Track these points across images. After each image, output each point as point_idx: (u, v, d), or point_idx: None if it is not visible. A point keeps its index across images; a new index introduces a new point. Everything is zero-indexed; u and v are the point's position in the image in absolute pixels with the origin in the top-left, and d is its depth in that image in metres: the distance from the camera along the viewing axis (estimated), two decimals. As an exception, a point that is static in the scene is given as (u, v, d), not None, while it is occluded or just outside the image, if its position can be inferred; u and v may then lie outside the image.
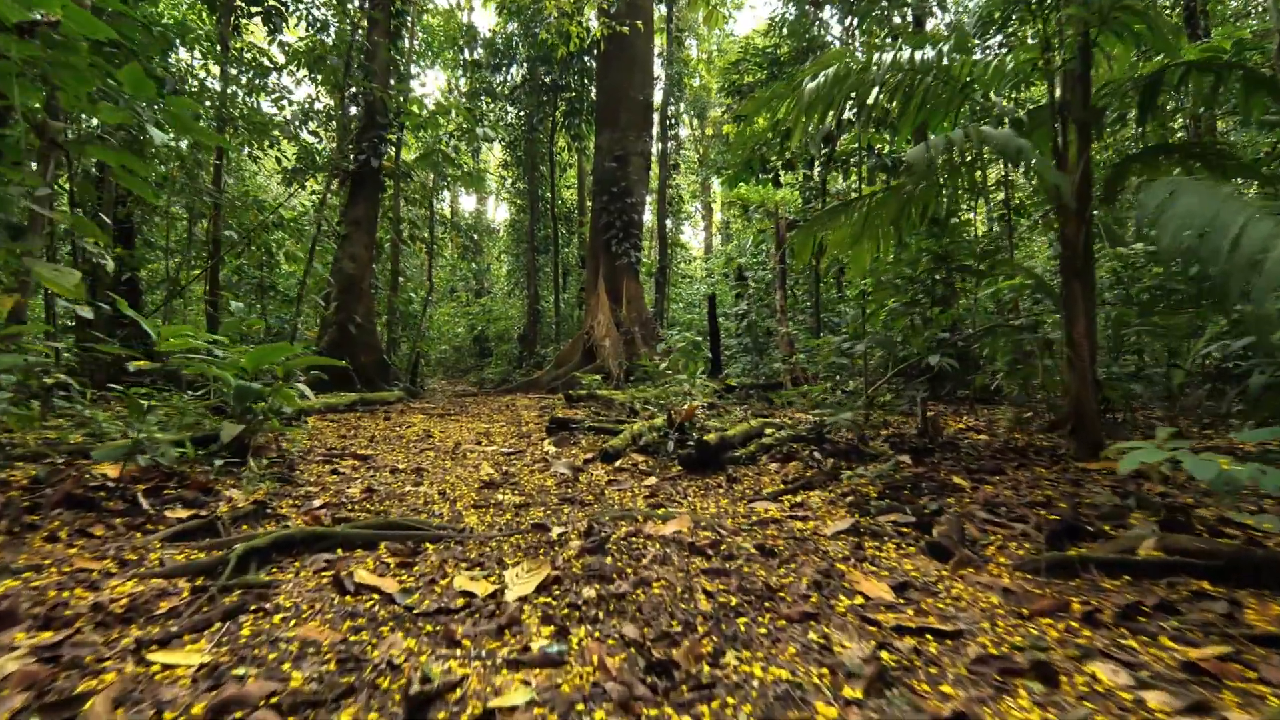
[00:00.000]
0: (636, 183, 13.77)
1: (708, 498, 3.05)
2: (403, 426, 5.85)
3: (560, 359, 12.73)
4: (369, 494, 3.00)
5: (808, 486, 3.10)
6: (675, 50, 15.41)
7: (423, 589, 1.68)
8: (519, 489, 3.23)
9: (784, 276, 7.96)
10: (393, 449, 4.52)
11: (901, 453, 3.65)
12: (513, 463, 4.03)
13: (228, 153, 10.43)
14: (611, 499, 3.01)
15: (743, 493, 3.15)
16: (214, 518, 2.10)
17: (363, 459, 4.04)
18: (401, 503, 2.87)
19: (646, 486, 3.28)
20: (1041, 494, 2.58)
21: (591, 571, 1.78)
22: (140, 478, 2.43)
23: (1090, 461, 2.99)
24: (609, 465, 3.87)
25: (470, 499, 2.98)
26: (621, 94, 13.76)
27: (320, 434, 5.16)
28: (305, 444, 4.59)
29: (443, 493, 3.12)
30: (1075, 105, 3.21)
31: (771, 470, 3.61)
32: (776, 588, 1.69)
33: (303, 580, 1.73)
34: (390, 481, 3.35)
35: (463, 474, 3.62)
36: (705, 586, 1.69)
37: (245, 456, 2.97)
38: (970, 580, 1.79)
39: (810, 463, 3.61)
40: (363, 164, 9.45)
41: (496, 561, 1.92)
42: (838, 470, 3.29)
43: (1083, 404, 3.08)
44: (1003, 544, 2.07)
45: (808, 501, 2.85)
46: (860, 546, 2.07)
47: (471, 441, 4.90)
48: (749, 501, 2.93)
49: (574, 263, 17.37)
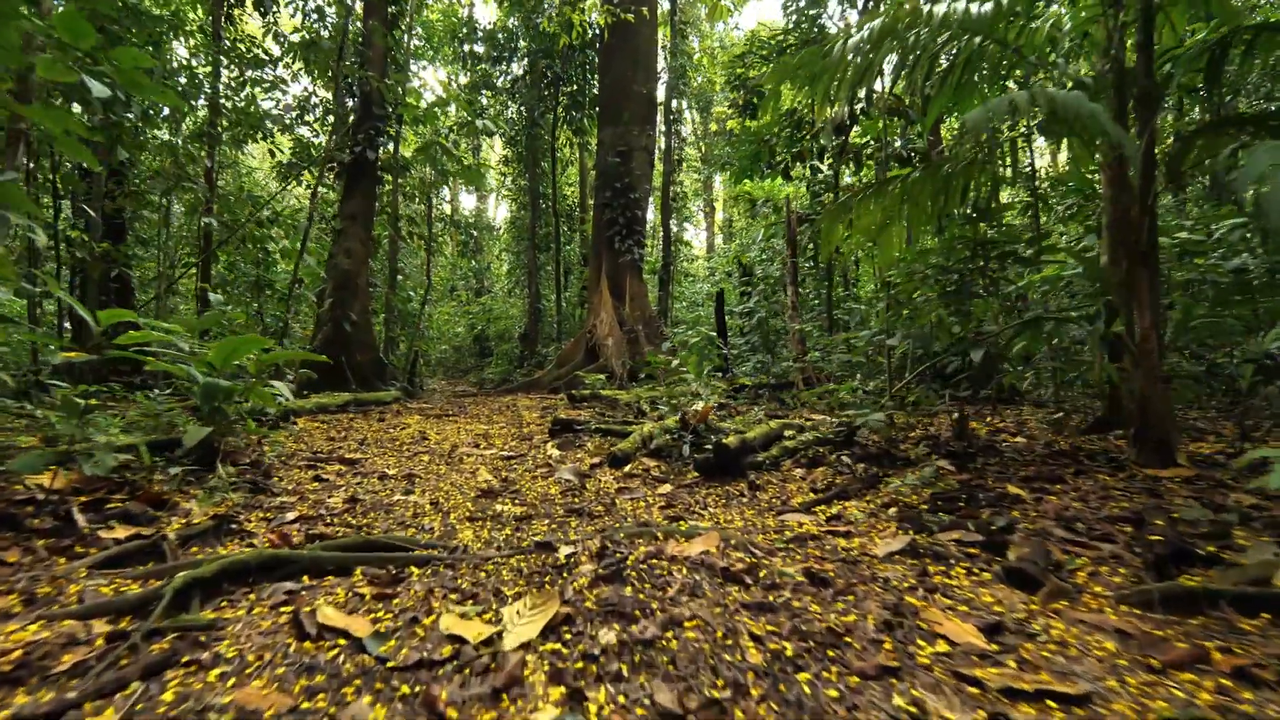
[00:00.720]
0: (640, 178, 13.45)
1: (730, 508, 2.73)
2: (397, 428, 5.54)
3: (562, 358, 12.41)
4: (352, 505, 2.68)
5: (842, 496, 2.77)
6: (679, 43, 15.09)
7: (402, 631, 1.36)
8: (520, 498, 2.91)
9: (795, 272, 7.63)
10: (384, 452, 4.20)
11: (939, 457, 3.33)
12: (513, 468, 3.71)
13: (219, 148, 10.13)
14: (624, 510, 2.68)
15: (769, 503, 2.83)
16: (160, 537, 1.78)
17: (350, 464, 3.72)
18: (388, 515, 2.55)
19: (661, 495, 2.96)
20: (1117, 507, 2.26)
21: (609, 606, 1.46)
22: (83, 489, 2.11)
23: (1161, 468, 2.67)
24: (618, 470, 3.55)
25: (465, 510, 2.66)
26: (625, 87, 13.44)
27: (308, 436, 4.84)
28: (291, 447, 4.27)
29: (435, 502, 2.79)
30: (1138, 73, 2.88)
31: (797, 477, 3.29)
32: (840, 630, 1.37)
33: (254, 619, 1.41)
34: (378, 490, 3.03)
35: (458, 480, 3.30)
36: (750, 627, 1.37)
37: (214, 463, 2.65)
38: (1069, 617, 1.47)
39: (840, 468, 3.29)
40: (359, 156, 9.13)
41: (493, 592, 1.60)
42: (874, 477, 2.96)
43: (1150, 404, 2.76)
44: (1093, 569, 1.75)
45: (845, 513, 2.53)
46: (925, 573, 1.75)
47: (469, 444, 4.58)
48: (778, 514, 2.61)
49: (576, 261, 17.04)
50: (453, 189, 25.29)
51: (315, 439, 4.71)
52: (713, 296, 17.60)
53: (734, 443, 3.31)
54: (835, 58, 2.82)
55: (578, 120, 14.68)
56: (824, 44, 2.83)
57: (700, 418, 3.83)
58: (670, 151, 14.30)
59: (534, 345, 14.85)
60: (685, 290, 19.65)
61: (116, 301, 8.98)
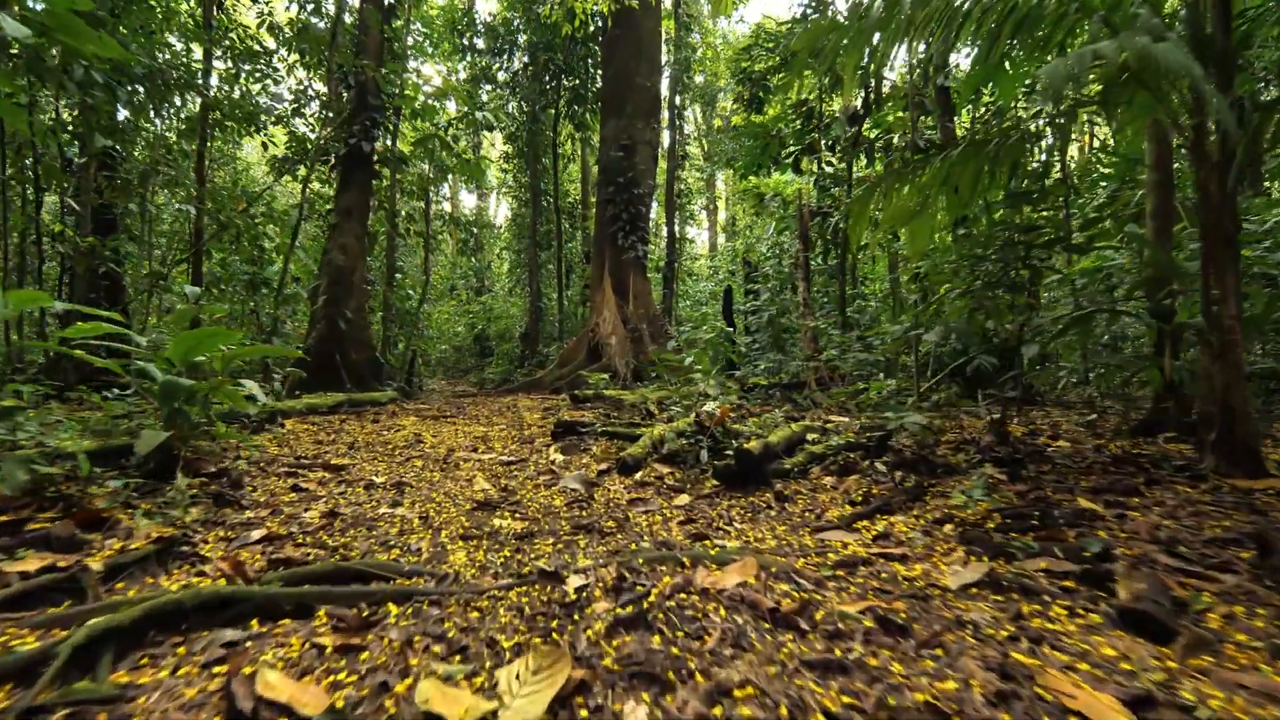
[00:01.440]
0: (644, 173, 13.12)
1: (759, 524, 2.41)
2: (391, 430, 5.22)
3: (564, 358, 12.09)
4: (330, 520, 2.36)
5: (885, 510, 2.45)
6: (684, 36, 14.77)
7: (365, 706, 1.04)
8: (521, 510, 2.59)
9: (807, 268, 7.30)
10: (374, 457, 3.88)
11: (985, 464, 3.01)
12: (513, 474, 3.39)
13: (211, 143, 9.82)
14: (639, 526, 2.36)
15: (802, 517, 2.51)
16: (79, 570, 1.46)
17: (335, 470, 3.40)
18: (370, 533, 2.23)
19: (679, 508, 2.64)
20: (1218, 526, 1.94)
21: (633, 666, 1.14)
22: (4, 507, 1.80)
23: (1251, 479, 2.34)
24: (628, 478, 3.23)
25: (459, 525, 2.34)
26: (628, 80, 13.12)
27: (295, 439, 4.52)
28: (274, 451, 3.95)
29: (425, 517, 2.47)
30: (1216, 32, 2.56)
31: (827, 486, 2.97)
32: (941, 705, 1.04)
33: (177, 686, 1.09)
34: (362, 501, 2.71)
35: (453, 489, 2.98)
36: (821, 698, 1.05)
37: (174, 472, 2.33)
38: (1222, 679, 1.15)
39: (875, 477, 2.97)
40: (354, 148, 8.81)
41: (487, 642, 1.28)
42: (918, 488, 2.64)
43: (1234, 405, 2.44)
44: (1225, 610, 1.42)
45: (893, 531, 2.20)
46: (1019, 615, 1.43)
47: (466, 448, 4.26)
48: (814, 531, 2.29)
49: (577, 259, 16.72)
50: (453, 187, 24.95)
51: (302, 442, 4.39)
52: (717, 295, 17.29)
53: (757, 448, 2.99)
54: (874, 15, 2.50)
55: (580, 114, 14.35)
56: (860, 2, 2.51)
57: (717, 420, 3.51)
58: (675, 146, 13.97)
59: (535, 345, 14.53)
60: (689, 289, 19.32)
61: (106, 299, 8.68)
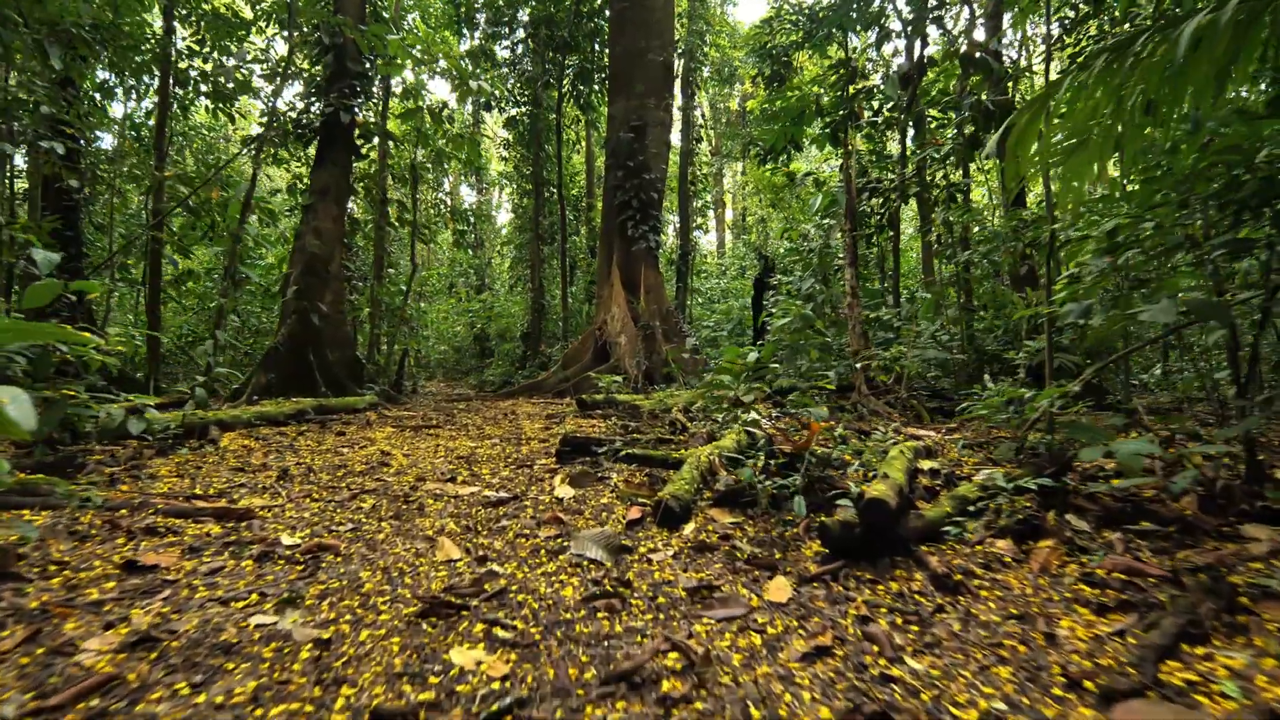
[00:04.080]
0: (655, 156, 11.98)
1: (942, 654, 1.27)
2: (354, 447, 4.09)
3: (568, 358, 10.95)
4: (130, 661, 1.23)
5: (1191, 633, 1.31)
6: (698, 7, 13.63)
7: None
8: (503, 615, 1.45)
9: (854, 251, 6.15)
10: (308, 493, 2.76)
11: (1225, 518, 1.87)
12: (500, 526, 2.25)
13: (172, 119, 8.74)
14: (724, 664, 1.23)
15: (1024, 639, 1.36)
16: None
17: (232, 520, 2.27)
18: (202, 693, 1.10)
19: (780, 608, 1.51)
20: None
21: None
22: None
23: None
24: (675, 534, 2.10)
25: (382, 668, 1.21)
26: (638, 55, 12.01)
27: (219, 462, 3.40)
28: (165, 485, 2.83)
29: (325, 644, 1.34)
30: None
31: (1007, 559, 1.82)
32: None
33: None
34: (231, 596, 1.58)
35: (401, 561, 1.86)
36: None
37: None
38: None
39: (1094, 547, 1.82)
40: (330, 118, 7.70)
41: None
42: (1215, 579, 1.49)
43: None
44: None
45: (1258, 698, 1.07)
46: None
47: (441, 477, 3.12)
48: (1073, 681, 1.15)
49: (582, 254, 15.57)
50: (454, 182, 23.78)
51: (221, 468, 3.27)
52: (730, 291, 16.12)
53: (889, 494, 1.84)
54: None
55: (585, 94, 13.22)
56: None
57: (803, 443, 2.36)
58: (690, 127, 12.83)
59: (538, 345, 13.39)
60: (700, 285, 18.14)
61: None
